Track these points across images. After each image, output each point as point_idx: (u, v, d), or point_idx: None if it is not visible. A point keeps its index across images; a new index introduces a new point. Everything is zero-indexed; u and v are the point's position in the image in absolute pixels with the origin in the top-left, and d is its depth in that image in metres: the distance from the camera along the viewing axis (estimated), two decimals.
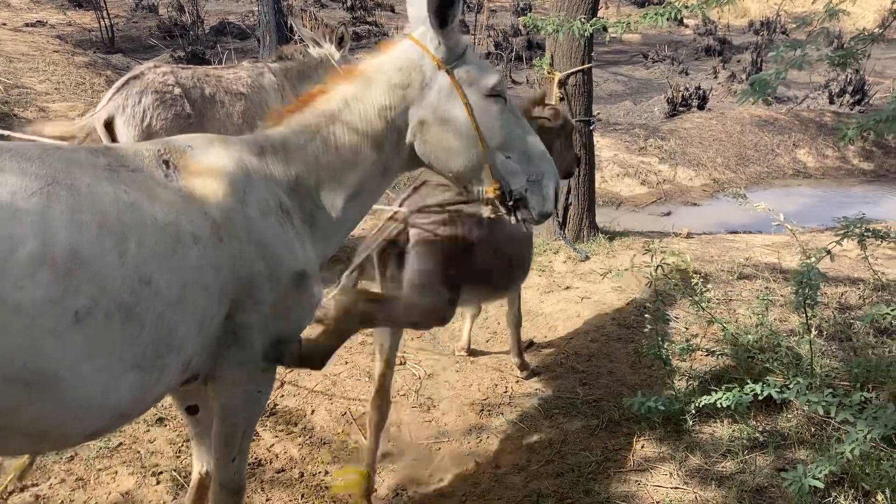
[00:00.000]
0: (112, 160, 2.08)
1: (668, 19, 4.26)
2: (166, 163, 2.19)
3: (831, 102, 14.44)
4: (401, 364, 4.76)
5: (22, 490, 3.49)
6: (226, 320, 2.25)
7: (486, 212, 2.76)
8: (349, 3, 22.34)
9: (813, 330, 4.36)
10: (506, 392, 4.56)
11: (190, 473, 3.65)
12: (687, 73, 17.42)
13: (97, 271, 1.85)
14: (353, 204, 2.59)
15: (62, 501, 3.46)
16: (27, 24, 16.28)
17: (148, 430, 3.96)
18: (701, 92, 13.97)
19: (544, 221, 2.82)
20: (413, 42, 2.54)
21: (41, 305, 1.75)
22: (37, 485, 3.53)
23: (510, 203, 2.63)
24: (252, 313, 2.29)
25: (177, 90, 4.93)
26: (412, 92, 2.52)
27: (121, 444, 3.85)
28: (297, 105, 2.56)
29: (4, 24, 15.55)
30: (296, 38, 13.68)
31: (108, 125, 4.75)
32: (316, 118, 2.51)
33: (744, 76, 15.51)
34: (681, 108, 13.58)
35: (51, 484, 3.54)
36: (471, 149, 2.53)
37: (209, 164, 2.26)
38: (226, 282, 2.18)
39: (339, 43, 6.17)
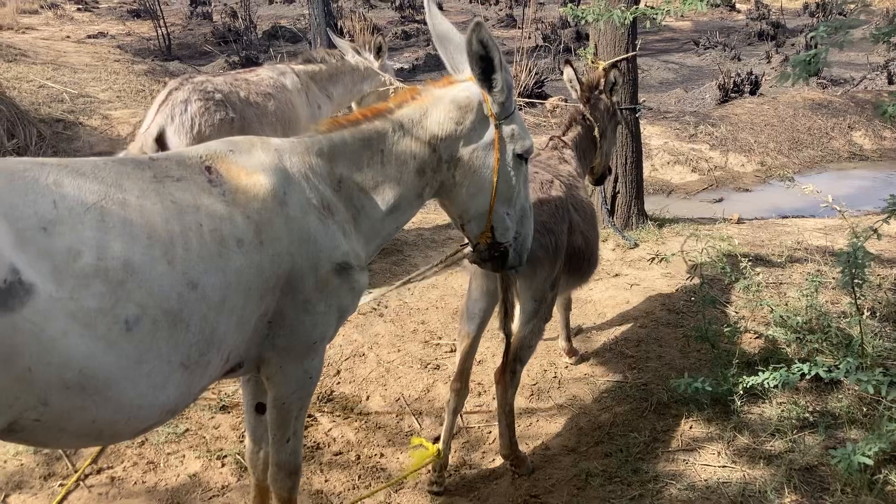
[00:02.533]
0: (157, 171, 2.18)
1: (710, 5, 4.28)
2: (209, 168, 2.28)
3: (890, 83, 14.08)
4: (450, 351, 4.89)
5: (98, 473, 3.72)
6: (269, 312, 2.37)
7: (469, 256, 3.06)
8: (398, 3, 22.60)
9: (865, 311, 4.34)
10: (555, 377, 4.65)
11: None
12: (739, 59, 17.16)
13: (147, 280, 1.95)
14: (390, 217, 2.74)
15: (135, 483, 3.68)
16: (89, 36, 16.92)
17: (213, 417, 4.16)
18: (753, 77, 13.75)
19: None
20: (477, 87, 2.70)
21: (94, 315, 1.85)
22: (112, 468, 3.75)
23: (494, 252, 2.91)
24: (296, 304, 2.42)
25: (218, 95, 5.08)
26: (462, 129, 2.70)
27: (187, 430, 4.05)
28: (354, 117, 2.70)
29: (68, 37, 16.18)
30: (345, 39, 13.91)
31: (159, 138, 4.90)
32: (370, 132, 2.65)
33: (794, 57, 15.22)
34: (732, 95, 13.38)
35: (124, 467, 3.76)
36: (485, 196, 2.76)
37: (250, 167, 2.36)
38: (267, 280, 2.29)
39: (378, 52, 6.34)
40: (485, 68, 2.63)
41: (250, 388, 2.92)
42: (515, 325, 3.66)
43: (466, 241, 3.08)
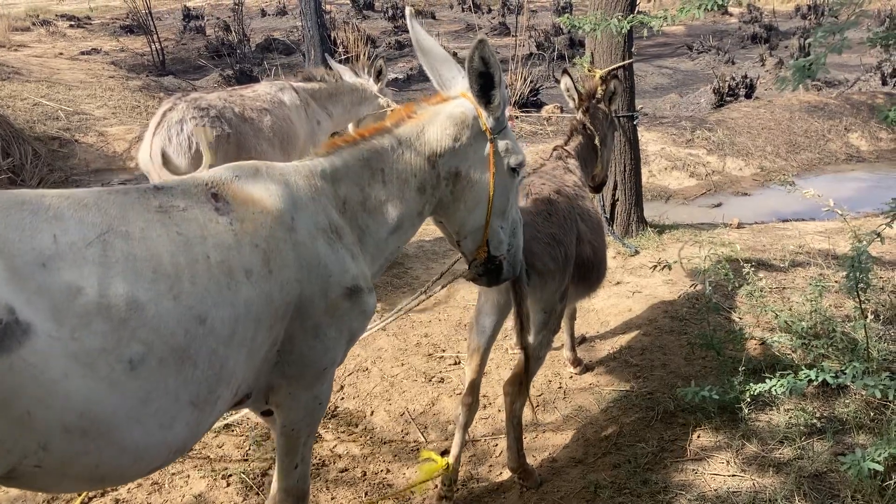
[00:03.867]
0: (163, 201, 2.10)
1: (706, 10, 4.27)
2: (215, 196, 2.22)
3: (884, 84, 14.14)
4: (455, 363, 4.86)
5: (102, 495, 3.68)
6: (278, 340, 2.32)
7: (465, 274, 3.08)
8: (390, 14, 22.64)
9: (869, 314, 4.32)
10: (560, 387, 4.62)
11: (259, 475, 3.82)
12: (733, 63, 17.22)
13: (152, 317, 1.87)
14: (394, 236, 2.73)
15: None
16: (83, 53, 16.91)
17: (216, 436, 4.12)
18: (748, 81, 13.81)
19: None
20: (469, 102, 2.72)
21: (96, 355, 1.76)
22: (116, 489, 3.71)
23: (490, 266, 2.92)
24: (305, 330, 2.37)
25: (212, 112, 5.05)
26: (459, 145, 2.71)
27: (191, 449, 4.02)
28: (353, 137, 2.68)
29: (61, 54, 16.16)
30: (339, 51, 13.92)
31: (164, 160, 4.87)
32: (370, 152, 2.64)
33: (792, 62, 15.30)
34: (728, 98, 13.43)
35: (129, 488, 3.72)
36: (481, 211, 2.78)
37: (257, 194, 2.30)
38: (277, 309, 2.24)
39: (378, 76, 6.37)
40: (483, 85, 2.65)
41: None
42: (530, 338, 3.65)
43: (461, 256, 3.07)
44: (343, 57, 13.74)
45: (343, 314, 2.46)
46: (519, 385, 3.61)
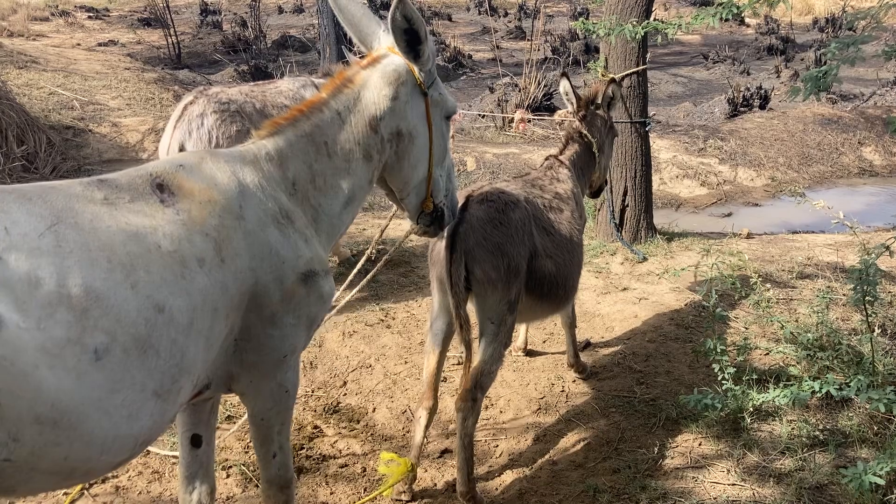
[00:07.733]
0: (108, 193, 2.07)
1: (720, 19, 4.26)
2: (160, 186, 2.18)
3: None
4: (458, 363, 4.86)
5: (102, 482, 3.70)
6: (235, 330, 2.30)
7: (415, 230, 3.07)
8: None
9: (875, 328, 4.31)
10: (563, 391, 4.62)
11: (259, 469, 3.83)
12: (748, 73, 17.18)
13: (112, 306, 1.85)
14: (347, 209, 2.73)
15: (140, 492, 3.65)
16: (100, 44, 17.05)
17: (217, 427, 4.13)
18: (762, 92, 13.76)
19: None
20: (401, 58, 2.72)
21: (63, 345, 1.74)
22: (116, 476, 3.73)
23: (435, 215, 2.96)
24: (262, 319, 2.35)
25: (233, 107, 5.04)
26: (398, 104, 2.71)
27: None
28: (291, 114, 2.66)
29: (79, 45, 16.28)
30: (355, 49, 13.95)
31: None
32: (311, 127, 2.62)
33: (805, 73, 15.25)
34: (742, 109, 13.39)
35: (129, 476, 3.74)
36: (424, 165, 2.82)
37: (203, 184, 2.27)
38: (232, 298, 2.22)
39: None
40: (409, 41, 2.64)
41: (185, 417, 2.75)
42: (476, 348, 3.59)
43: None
44: (360, 55, 13.77)
45: (300, 300, 2.43)
46: (472, 401, 3.51)
